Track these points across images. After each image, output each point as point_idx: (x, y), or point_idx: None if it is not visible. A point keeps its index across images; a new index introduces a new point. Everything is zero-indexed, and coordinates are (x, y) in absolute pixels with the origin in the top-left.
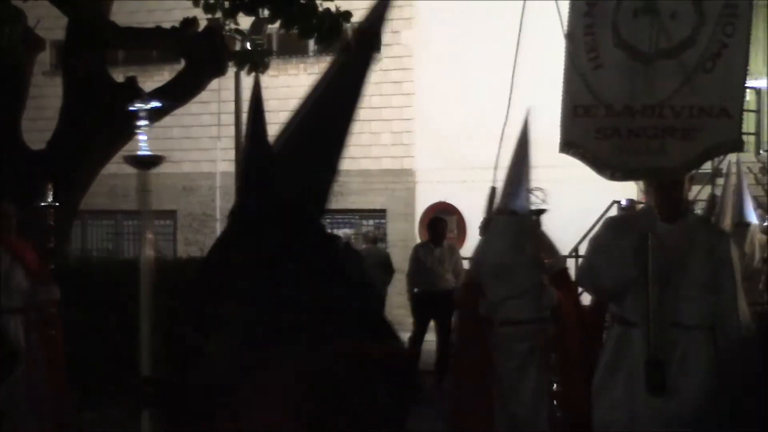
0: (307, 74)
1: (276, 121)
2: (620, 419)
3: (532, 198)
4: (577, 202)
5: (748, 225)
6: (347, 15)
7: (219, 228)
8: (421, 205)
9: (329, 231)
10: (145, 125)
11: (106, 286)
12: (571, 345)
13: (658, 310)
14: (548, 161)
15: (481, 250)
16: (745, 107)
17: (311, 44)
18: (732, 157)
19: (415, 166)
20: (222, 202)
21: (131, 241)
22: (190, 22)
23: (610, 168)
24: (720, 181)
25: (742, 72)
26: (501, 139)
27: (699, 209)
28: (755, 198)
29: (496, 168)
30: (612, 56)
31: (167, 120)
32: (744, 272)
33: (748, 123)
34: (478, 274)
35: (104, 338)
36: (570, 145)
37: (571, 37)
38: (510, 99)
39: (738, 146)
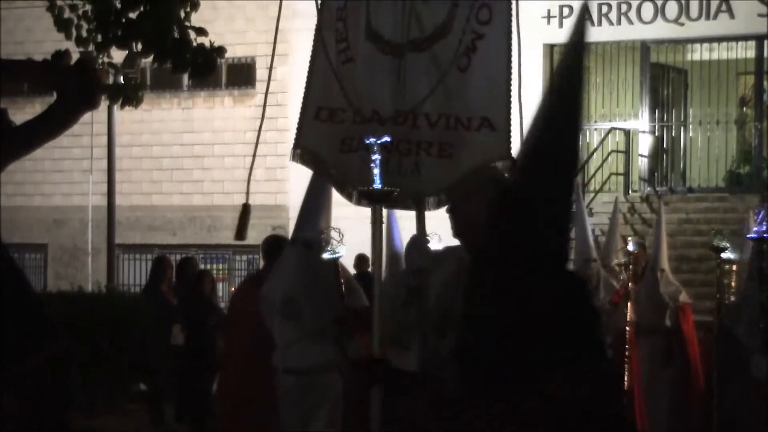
0: (180, 108)
1: (148, 154)
2: None
3: (332, 237)
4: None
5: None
6: (221, 50)
7: (90, 262)
8: None
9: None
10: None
11: None
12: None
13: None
14: None
15: (269, 285)
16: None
17: (185, 79)
18: (604, 196)
19: (288, 201)
20: (93, 235)
21: None
22: (62, 55)
23: (354, 189)
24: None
25: (502, 71)
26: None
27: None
28: (623, 237)
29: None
30: (363, 48)
31: (38, 153)
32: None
33: (618, 164)
34: (264, 313)
35: None
36: (305, 152)
37: (322, 22)
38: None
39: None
